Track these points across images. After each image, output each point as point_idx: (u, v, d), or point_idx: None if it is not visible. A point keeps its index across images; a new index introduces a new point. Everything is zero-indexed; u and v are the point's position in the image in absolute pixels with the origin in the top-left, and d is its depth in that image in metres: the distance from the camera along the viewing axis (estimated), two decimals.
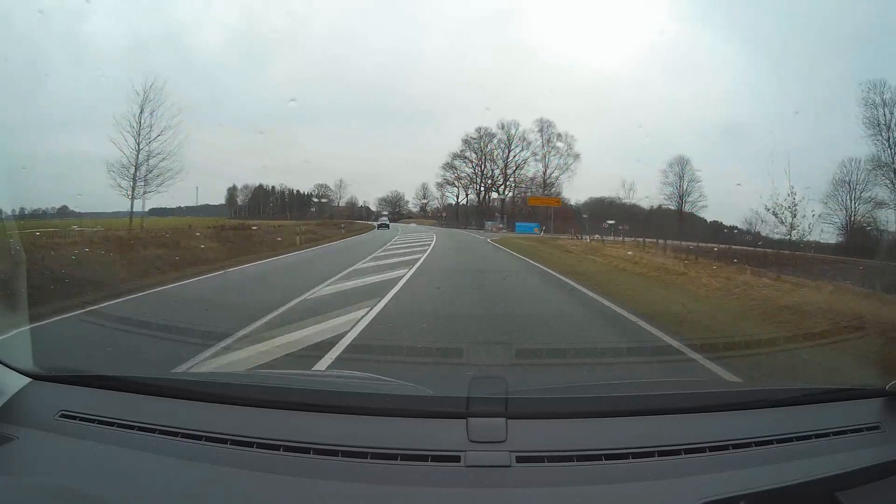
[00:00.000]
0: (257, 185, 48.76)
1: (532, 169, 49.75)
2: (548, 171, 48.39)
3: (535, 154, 48.15)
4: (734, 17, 52.44)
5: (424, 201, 53.72)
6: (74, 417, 1.60)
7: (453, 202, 52.79)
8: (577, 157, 47.36)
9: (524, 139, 49.74)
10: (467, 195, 52.75)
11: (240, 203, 48.30)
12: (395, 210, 53.34)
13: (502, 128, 49.81)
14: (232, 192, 48.01)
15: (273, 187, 49.72)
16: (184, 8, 51.98)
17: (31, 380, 1.77)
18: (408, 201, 54.32)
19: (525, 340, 5.69)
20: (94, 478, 1.38)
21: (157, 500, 1.32)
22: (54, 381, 1.83)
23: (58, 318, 6.19)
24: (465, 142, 51.21)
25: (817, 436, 1.59)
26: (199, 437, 1.49)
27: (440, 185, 52.90)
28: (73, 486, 1.32)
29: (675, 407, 1.72)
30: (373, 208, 50.57)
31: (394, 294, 8.63)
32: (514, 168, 50.63)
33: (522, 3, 60.15)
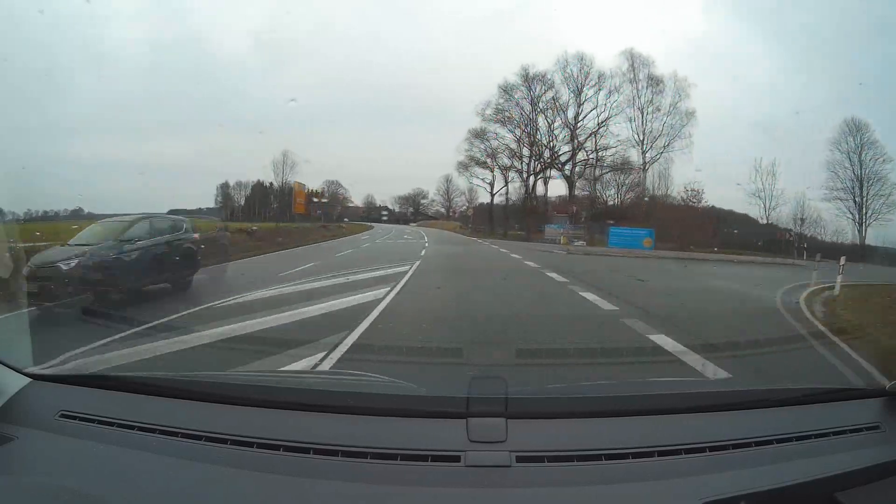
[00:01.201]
0: (255, 181, 41.87)
1: (618, 135, 26.43)
2: (646, 137, 25.91)
3: (616, 113, 26.35)
4: (739, 14, 52.44)
5: (441, 198, 39.91)
6: (74, 417, 1.60)
7: (485, 197, 33.89)
8: (691, 114, 26.81)
9: (602, 82, 25.90)
10: (506, 181, 31.22)
11: (236, 204, 42.70)
12: (417, 209, 41.67)
13: (565, 67, 27.77)
14: (224, 190, 41.00)
15: (271, 183, 41.98)
16: (190, 12, 52.01)
17: (31, 380, 1.77)
18: (433, 200, 42.23)
19: None
20: (94, 478, 1.38)
21: (157, 500, 1.32)
22: (54, 381, 1.83)
23: None
24: (504, 90, 28.56)
25: (817, 436, 1.59)
26: (198, 437, 1.49)
27: (464, 167, 33.29)
28: (73, 486, 1.32)
29: (675, 407, 1.72)
30: (391, 207, 42.85)
31: None
32: (590, 134, 27.34)
33: (522, 3, 60.23)
